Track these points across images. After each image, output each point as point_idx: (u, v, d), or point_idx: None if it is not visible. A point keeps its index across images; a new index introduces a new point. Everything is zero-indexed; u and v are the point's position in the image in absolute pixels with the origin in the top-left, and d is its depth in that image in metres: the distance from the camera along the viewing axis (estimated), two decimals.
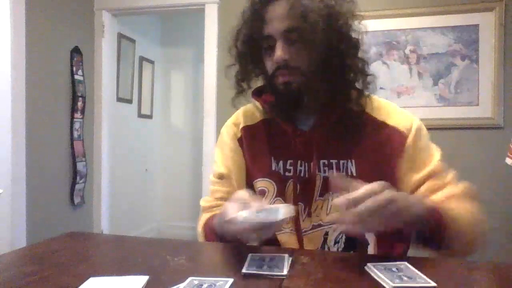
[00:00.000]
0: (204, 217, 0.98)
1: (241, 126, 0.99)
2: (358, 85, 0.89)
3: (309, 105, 0.87)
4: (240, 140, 0.99)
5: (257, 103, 0.99)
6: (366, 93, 0.89)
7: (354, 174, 0.87)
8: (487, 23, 2.34)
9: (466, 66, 2.38)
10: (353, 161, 0.87)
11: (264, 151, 0.94)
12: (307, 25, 0.81)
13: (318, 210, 0.88)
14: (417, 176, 0.86)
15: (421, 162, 0.86)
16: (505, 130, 2.31)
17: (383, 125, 0.89)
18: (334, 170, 0.88)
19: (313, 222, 0.88)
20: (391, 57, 2.46)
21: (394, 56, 2.46)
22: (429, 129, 0.91)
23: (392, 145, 0.87)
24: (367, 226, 0.65)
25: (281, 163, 0.92)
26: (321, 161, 0.88)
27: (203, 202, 1.02)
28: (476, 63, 2.36)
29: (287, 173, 0.91)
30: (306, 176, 0.89)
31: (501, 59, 2.32)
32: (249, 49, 0.90)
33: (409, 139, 0.87)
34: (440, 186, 0.84)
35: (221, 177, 1.00)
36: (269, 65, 0.89)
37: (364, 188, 0.63)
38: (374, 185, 0.64)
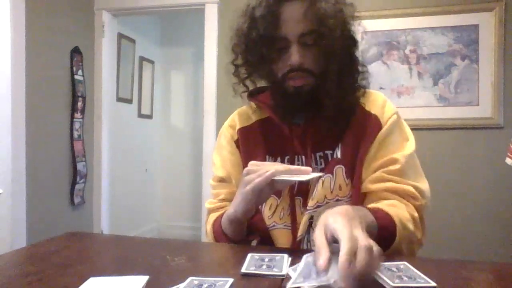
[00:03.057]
0: (211, 217, 0.98)
1: (237, 128, 1.00)
2: (358, 81, 0.91)
3: (318, 106, 0.87)
4: (237, 142, 0.99)
5: (252, 104, 1.00)
6: (362, 87, 0.92)
7: (339, 157, 0.88)
8: (487, 23, 2.34)
9: (466, 66, 2.38)
10: (339, 145, 0.89)
11: (259, 151, 0.95)
12: (324, 29, 0.81)
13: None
14: (375, 164, 0.86)
15: (384, 154, 0.87)
16: (505, 130, 2.31)
17: (368, 114, 0.91)
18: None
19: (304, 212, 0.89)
20: (391, 57, 2.46)
21: (394, 56, 2.46)
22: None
23: (370, 131, 0.89)
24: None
25: (278, 160, 0.93)
26: (317, 154, 0.90)
27: (208, 204, 1.03)
28: (476, 63, 2.36)
29: None
30: None
31: (501, 59, 2.32)
32: (258, 48, 0.87)
33: (383, 130, 0.88)
34: (384, 179, 0.84)
35: (221, 180, 1.01)
36: (280, 67, 0.87)
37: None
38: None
